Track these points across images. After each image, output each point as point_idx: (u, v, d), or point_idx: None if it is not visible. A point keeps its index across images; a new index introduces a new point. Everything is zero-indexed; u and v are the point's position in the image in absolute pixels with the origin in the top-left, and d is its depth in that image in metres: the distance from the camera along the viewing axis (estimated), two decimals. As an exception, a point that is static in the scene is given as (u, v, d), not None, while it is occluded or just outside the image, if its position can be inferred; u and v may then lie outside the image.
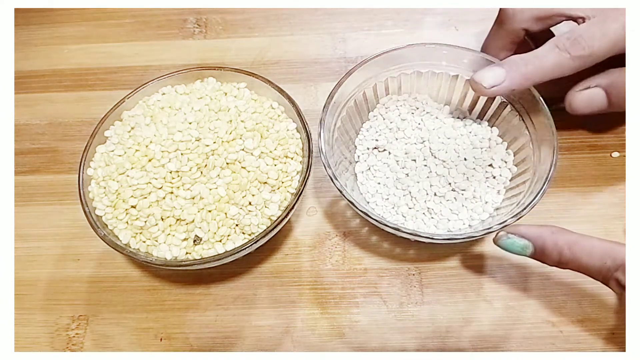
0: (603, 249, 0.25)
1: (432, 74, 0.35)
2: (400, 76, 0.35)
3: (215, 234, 0.29)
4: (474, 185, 0.32)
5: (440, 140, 0.34)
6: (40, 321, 0.33)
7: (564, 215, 0.34)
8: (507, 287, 0.32)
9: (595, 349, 0.30)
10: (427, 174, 0.33)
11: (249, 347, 0.31)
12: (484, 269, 0.33)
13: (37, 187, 0.38)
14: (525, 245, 0.27)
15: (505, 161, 0.33)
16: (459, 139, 0.34)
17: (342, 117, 0.34)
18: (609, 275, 0.25)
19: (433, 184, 0.32)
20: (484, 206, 0.32)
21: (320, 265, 0.34)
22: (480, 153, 0.33)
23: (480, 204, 0.32)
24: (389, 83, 0.35)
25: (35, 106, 0.42)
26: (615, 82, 0.31)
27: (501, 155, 0.33)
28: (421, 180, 0.32)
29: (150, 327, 0.32)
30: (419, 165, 0.33)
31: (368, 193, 0.33)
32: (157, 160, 0.31)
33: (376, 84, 0.35)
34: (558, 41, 0.30)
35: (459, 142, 0.34)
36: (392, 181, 0.33)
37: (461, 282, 0.33)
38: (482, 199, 0.32)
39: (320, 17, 0.46)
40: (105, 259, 0.35)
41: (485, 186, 0.32)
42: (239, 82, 0.36)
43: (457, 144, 0.34)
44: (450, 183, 0.32)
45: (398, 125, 0.35)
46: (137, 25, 0.47)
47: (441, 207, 0.32)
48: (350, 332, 0.31)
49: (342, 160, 0.34)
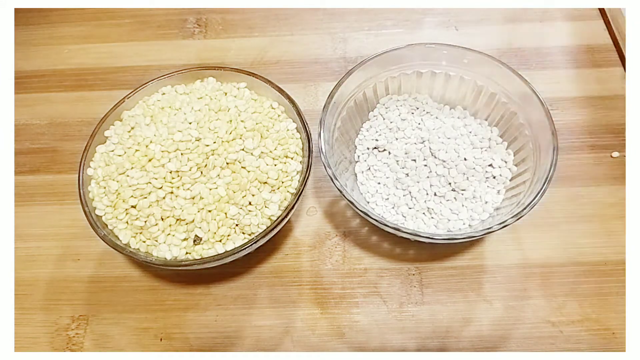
0: None
1: (432, 74, 0.35)
2: (400, 76, 0.35)
3: (215, 234, 0.29)
4: (474, 185, 0.32)
5: (440, 140, 0.34)
6: (40, 321, 0.33)
7: (564, 215, 0.34)
8: (507, 287, 0.32)
9: (595, 349, 0.30)
10: (427, 174, 0.33)
11: (249, 347, 0.31)
12: (484, 269, 0.33)
13: (37, 187, 0.38)
14: None
15: (505, 161, 0.33)
16: (459, 139, 0.34)
17: (342, 117, 0.34)
18: None
19: (433, 183, 0.32)
20: (484, 206, 0.32)
21: (320, 265, 0.34)
22: (480, 153, 0.33)
23: (480, 204, 0.32)
24: (389, 83, 0.35)
25: (35, 106, 0.42)
26: None
27: (501, 155, 0.33)
28: (421, 180, 0.32)
29: (150, 327, 0.32)
30: (419, 165, 0.33)
31: (368, 193, 0.33)
32: (157, 160, 0.31)
33: (376, 84, 0.35)
34: None
35: (459, 142, 0.34)
36: (392, 181, 0.33)
37: (461, 282, 0.33)
38: (482, 198, 0.32)
39: (320, 17, 0.46)
40: (105, 259, 0.35)
41: (485, 186, 0.32)
42: (239, 82, 0.36)
43: (457, 143, 0.33)
44: (450, 183, 0.32)
45: (398, 125, 0.35)
46: (137, 25, 0.47)
47: (441, 207, 0.32)
48: (350, 332, 0.31)
49: (342, 160, 0.34)
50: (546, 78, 0.41)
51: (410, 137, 0.34)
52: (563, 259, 0.33)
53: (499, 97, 0.33)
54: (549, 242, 0.34)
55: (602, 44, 0.43)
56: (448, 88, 0.35)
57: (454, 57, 0.34)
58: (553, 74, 0.41)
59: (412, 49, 0.34)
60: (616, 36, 0.42)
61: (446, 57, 0.34)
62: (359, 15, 0.46)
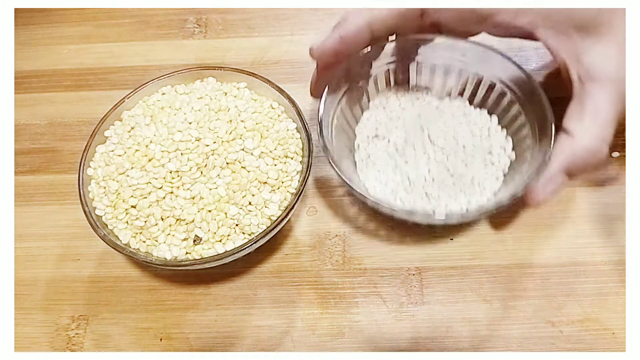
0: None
1: (433, 65, 0.35)
2: (399, 67, 0.35)
3: (215, 234, 0.29)
4: (472, 172, 0.32)
5: (440, 128, 0.34)
6: (40, 321, 0.33)
7: (564, 215, 0.34)
8: (507, 287, 0.32)
9: (595, 349, 0.30)
10: (426, 161, 0.33)
11: (249, 347, 0.31)
12: (484, 269, 0.33)
13: (37, 187, 0.38)
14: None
15: (504, 148, 0.33)
16: (457, 127, 0.34)
17: (342, 107, 0.34)
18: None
19: (431, 169, 0.33)
20: (482, 191, 0.32)
21: (320, 265, 0.34)
22: (480, 141, 0.34)
23: (478, 190, 0.32)
24: (390, 75, 0.36)
25: (35, 106, 0.42)
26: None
27: (500, 142, 0.34)
28: (420, 167, 0.33)
29: (150, 327, 0.32)
30: (418, 152, 0.33)
31: (367, 180, 0.34)
32: (157, 160, 0.31)
33: (376, 75, 0.35)
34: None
35: (457, 129, 0.34)
36: (392, 168, 0.33)
37: (461, 282, 0.33)
38: (481, 184, 0.32)
39: (321, 17, 0.46)
40: (105, 259, 0.35)
41: (484, 172, 0.33)
42: (239, 82, 0.36)
43: (456, 131, 0.34)
44: (448, 169, 0.32)
45: (398, 115, 0.35)
46: (137, 25, 0.47)
47: (439, 192, 0.32)
48: (350, 332, 0.31)
49: (342, 149, 0.34)
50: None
51: (409, 126, 0.35)
52: (563, 259, 0.33)
53: (500, 87, 0.34)
54: (549, 242, 0.34)
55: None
56: (448, 80, 0.36)
57: (453, 49, 0.34)
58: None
59: (411, 42, 0.34)
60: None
61: (446, 48, 0.34)
62: (359, 15, 0.46)
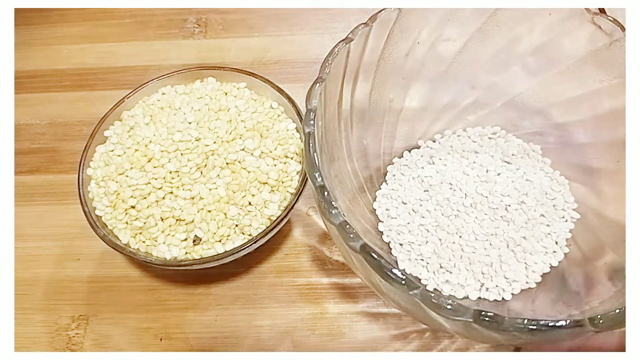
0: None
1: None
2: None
3: (215, 234, 0.29)
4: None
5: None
6: (40, 321, 0.33)
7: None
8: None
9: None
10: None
11: (249, 347, 0.31)
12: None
13: (37, 187, 0.38)
14: None
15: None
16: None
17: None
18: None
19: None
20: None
21: (320, 265, 0.34)
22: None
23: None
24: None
25: (35, 106, 0.42)
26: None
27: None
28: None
29: (150, 327, 0.32)
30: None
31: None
32: (156, 160, 0.31)
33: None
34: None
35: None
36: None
37: (461, 282, 0.33)
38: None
39: (320, 17, 0.46)
40: (105, 259, 0.35)
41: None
42: (238, 82, 0.36)
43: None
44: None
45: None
46: (137, 25, 0.47)
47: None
48: (350, 332, 0.31)
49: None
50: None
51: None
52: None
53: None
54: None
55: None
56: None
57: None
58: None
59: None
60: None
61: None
62: (359, 15, 0.45)
